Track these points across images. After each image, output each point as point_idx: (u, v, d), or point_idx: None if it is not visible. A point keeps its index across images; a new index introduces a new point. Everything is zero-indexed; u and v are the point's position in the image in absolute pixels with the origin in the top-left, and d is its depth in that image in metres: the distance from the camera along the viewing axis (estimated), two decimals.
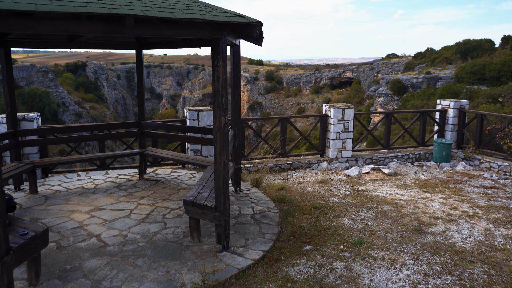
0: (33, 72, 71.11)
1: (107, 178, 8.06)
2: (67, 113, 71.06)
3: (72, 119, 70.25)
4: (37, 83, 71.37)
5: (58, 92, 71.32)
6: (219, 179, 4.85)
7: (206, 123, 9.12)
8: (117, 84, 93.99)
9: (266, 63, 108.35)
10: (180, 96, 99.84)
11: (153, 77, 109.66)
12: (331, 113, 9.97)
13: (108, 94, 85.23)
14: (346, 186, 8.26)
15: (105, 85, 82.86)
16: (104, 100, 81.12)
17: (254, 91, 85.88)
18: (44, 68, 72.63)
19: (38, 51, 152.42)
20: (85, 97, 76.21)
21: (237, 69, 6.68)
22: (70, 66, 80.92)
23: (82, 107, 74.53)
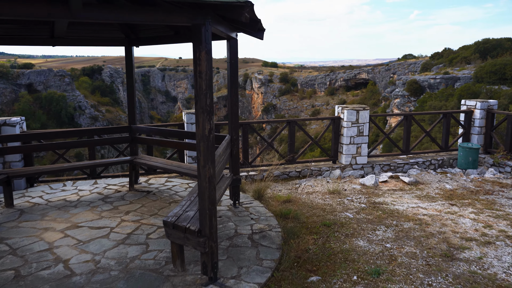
0: (50, 77, 71.56)
1: (95, 188, 7.23)
2: (83, 116, 71.28)
3: (88, 123, 70.37)
4: (54, 87, 71.79)
5: (75, 96, 71.62)
6: (204, 197, 3.93)
7: None
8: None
9: (281, 65, 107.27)
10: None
11: (168, 80, 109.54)
12: (344, 115, 8.99)
13: (123, 98, 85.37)
14: (361, 197, 7.27)
15: (120, 89, 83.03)
16: (120, 104, 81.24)
17: (268, 93, 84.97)
18: (61, 72, 73.06)
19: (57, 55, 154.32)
20: (101, 100, 76.44)
21: (234, 66, 5.78)
22: (86, 70, 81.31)
23: (98, 111, 74.73)
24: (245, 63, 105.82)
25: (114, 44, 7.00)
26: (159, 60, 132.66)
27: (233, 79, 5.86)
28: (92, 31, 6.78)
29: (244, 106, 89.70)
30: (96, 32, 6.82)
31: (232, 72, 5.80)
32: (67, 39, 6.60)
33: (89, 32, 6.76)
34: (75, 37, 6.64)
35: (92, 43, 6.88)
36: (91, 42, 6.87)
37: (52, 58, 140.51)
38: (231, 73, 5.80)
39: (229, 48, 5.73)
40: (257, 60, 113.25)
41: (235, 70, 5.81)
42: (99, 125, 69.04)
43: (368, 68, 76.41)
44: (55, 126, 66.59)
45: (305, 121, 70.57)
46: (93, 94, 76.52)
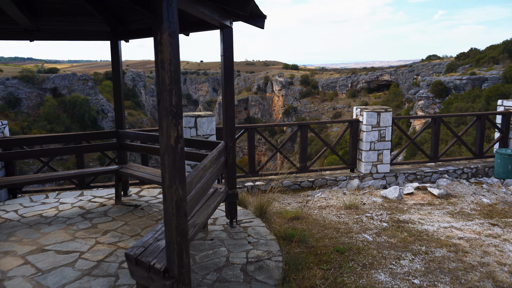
0: (74, 81, 72.32)
1: (78, 201, 6.36)
2: (105, 119, 71.73)
3: (110, 126, 70.80)
4: (78, 91, 72.54)
5: (98, 100, 72.17)
6: (170, 226, 2.96)
7: (206, 132, 7.30)
8: (155, 91, 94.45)
9: (302, 67, 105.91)
10: (216, 102, 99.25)
11: (189, 83, 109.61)
12: (364, 118, 7.90)
13: (145, 101, 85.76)
14: (382, 213, 6.17)
15: (142, 92, 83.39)
16: (142, 107, 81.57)
17: (289, 96, 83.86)
18: (85, 76, 73.78)
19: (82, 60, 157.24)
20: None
21: (229, 60, 4.81)
22: (109, 74, 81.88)
23: None
24: (266, 65, 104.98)
25: (99, 38, 6.13)
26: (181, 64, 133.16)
27: (228, 77, 4.88)
28: (73, 24, 5.92)
29: (265, 109, 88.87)
30: (78, 25, 5.96)
31: (227, 68, 4.82)
32: (45, 33, 5.76)
33: (70, 25, 5.91)
34: (54, 30, 5.79)
35: (74, 37, 6.03)
36: (73, 36, 6.01)
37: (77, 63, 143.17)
38: (225, 69, 4.83)
39: (223, 38, 4.77)
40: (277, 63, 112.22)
41: (230, 65, 4.84)
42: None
43: (391, 70, 74.40)
44: (79, 129, 67.10)
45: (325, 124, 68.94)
46: None
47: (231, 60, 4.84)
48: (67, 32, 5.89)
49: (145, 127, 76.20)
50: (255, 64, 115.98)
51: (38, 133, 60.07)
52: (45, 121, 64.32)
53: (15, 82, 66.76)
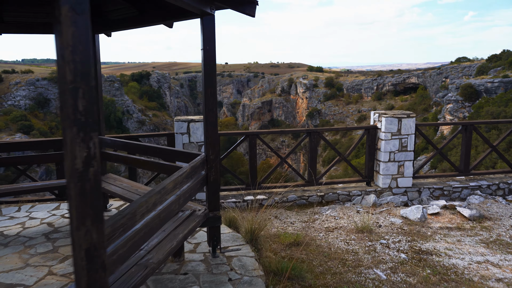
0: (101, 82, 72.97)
1: (50, 216, 5.57)
2: (131, 120, 72.26)
3: (135, 126, 71.34)
4: (104, 92, 73.10)
5: (123, 101, 72.80)
6: (80, 285, 2.06)
7: (200, 139, 6.41)
8: (180, 92, 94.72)
9: (326, 69, 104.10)
10: (240, 104, 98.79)
11: None
12: (382, 124, 6.84)
13: (170, 102, 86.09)
14: (400, 240, 5.11)
15: (167, 94, 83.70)
16: (166, 108, 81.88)
17: (313, 98, 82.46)
18: (111, 78, 74.61)
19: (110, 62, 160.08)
20: (148, 105, 77.32)
21: (209, 54, 3.90)
22: (135, 76, 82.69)
23: (145, 115, 75.61)
24: (290, 67, 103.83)
25: None
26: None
27: (209, 75, 3.97)
28: (43, 15, 5.14)
29: (289, 111, 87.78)
30: (50, 17, 5.18)
31: (207, 64, 3.91)
32: (10, 25, 5.00)
33: (39, 17, 5.13)
34: (20, 22, 5.03)
35: (42, 30, 5.25)
36: (42, 29, 5.23)
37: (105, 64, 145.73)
38: (205, 65, 3.93)
39: (203, 28, 3.86)
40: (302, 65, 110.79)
41: (212, 60, 3.93)
42: (146, 129, 69.76)
43: (418, 72, 72.02)
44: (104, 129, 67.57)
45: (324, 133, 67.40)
46: (141, 99, 77.62)
47: (213, 55, 3.93)
48: (34, 24, 5.12)
49: (170, 128, 76.50)
50: (280, 66, 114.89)
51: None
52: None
53: (44, 83, 68.01)
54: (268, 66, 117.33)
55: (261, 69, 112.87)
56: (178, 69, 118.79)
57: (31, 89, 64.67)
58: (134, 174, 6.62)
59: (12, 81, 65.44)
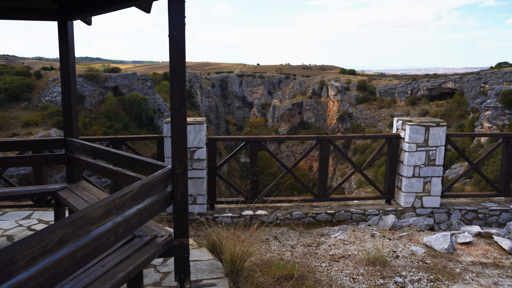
0: (134, 80, 74.23)
1: (15, 226, 4.90)
2: (161, 119, 72.76)
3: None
4: (137, 90, 74.40)
5: (155, 99, 73.53)
6: None
7: (192, 143, 5.59)
8: (211, 92, 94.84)
9: (359, 72, 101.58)
10: (270, 105, 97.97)
11: (245, 86, 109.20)
12: (406, 133, 5.81)
13: (201, 102, 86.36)
14: (421, 278, 4.10)
15: (198, 93, 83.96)
16: (197, 108, 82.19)
17: (344, 101, 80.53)
18: (144, 76, 75.50)
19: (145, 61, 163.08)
20: None
21: (177, 41, 3.07)
22: (167, 75, 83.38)
23: None
24: (322, 70, 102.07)
25: (44, 18, 4.61)
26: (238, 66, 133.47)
27: (177, 68, 3.14)
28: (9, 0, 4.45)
29: (319, 114, 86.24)
30: (15, 1, 4.49)
31: (174, 54, 3.09)
32: None
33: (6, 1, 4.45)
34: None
35: (14, 15, 4.56)
36: (12, 14, 4.54)
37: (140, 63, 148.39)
38: (172, 54, 3.11)
39: (170, 8, 3.04)
40: (334, 67, 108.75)
41: (179, 50, 3.09)
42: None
43: (455, 77, 68.84)
44: (136, 127, 68.66)
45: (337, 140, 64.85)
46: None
47: (181, 44, 3.10)
48: (4, 9, 4.43)
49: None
50: (312, 68, 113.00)
51: (99, 129, 62.07)
52: (105, 118, 66.32)
53: (80, 80, 69.52)
54: (300, 68, 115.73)
55: (292, 71, 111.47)
56: (210, 69, 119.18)
57: None
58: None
59: (50, 77, 67.25)
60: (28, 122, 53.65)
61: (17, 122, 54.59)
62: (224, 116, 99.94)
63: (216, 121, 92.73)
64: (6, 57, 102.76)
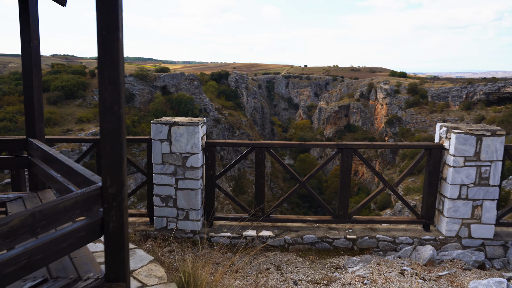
0: (181, 80, 75.47)
1: None
2: (207, 118, 73.38)
3: (211, 125, 72.43)
4: (184, 89, 75.60)
5: (201, 99, 74.31)
6: None
7: (185, 149, 4.66)
8: (257, 93, 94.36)
9: (411, 75, 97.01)
10: (317, 107, 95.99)
11: (291, 87, 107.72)
12: (451, 143, 4.55)
13: (247, 102, 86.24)
14: None
15: (244, 94, 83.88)
16: (242, 108, 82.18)
17: (393, 104, 77.18)
18: (191, 76, 76.51)
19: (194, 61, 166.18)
20: (225, 104, 78.27)
21: (109, 18, 2.13)
22: (214, 75, 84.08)
23: (221, 114, 76.55)
24: (372, 72, 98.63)
25: None
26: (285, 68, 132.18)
27: (106, 45, 2.21)
28: None
29: (366, 117, 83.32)
30: None
31: (103, 28, 2.16)
32: None
33: None
34: None
35: None
36: None
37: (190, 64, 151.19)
38: (100, 30, 2.17)
39: None
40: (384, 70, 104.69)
41: (113, 25, 2.16)
42: (221, 128, 70.40)
43: None
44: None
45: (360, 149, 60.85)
46: (218, 98, 78.79)
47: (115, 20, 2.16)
48: None
49: (244, 128, 76.55)
50: (360, 70, 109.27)
51: (146, 127, 63.39)
52: (153, 116, 67.67)
53: (131, 80, 71.51)
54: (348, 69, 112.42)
55: (340, 73, 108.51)
56: (257, 70, 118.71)
57: None
58: None
59: None
60: (81, 118, 55.63)
61: (72, 118, 56.81)
62: (270, 117, 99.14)
63: (261, 122, 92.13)
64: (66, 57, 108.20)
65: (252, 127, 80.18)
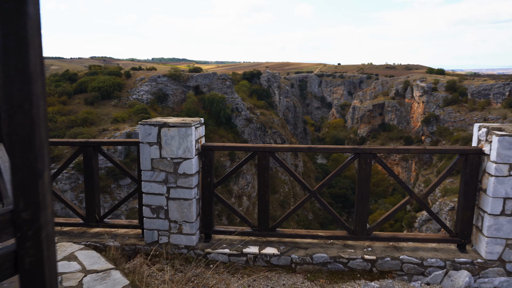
0: (214, 79, 75.83)
1: None
2: (239, 117, 73.45)
3: (243, 124, 72.36)
4: (216, 89, 75.96)
5: (233, 98, 74.42)
6: None
7: (176, 153, 4.07)
8: (289, 92, 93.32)
9: (449, 72, 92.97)
10: (350, 106, 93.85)
11: (324, 86, 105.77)
12: (493, 147, 3.73)
13: (279, 102, 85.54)
14: None
15: (276, 93, 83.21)
16: (274, 107, 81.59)
17: (431, 102, 74.21)
18: (223, 76, 76.74)
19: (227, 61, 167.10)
20: (256, 103, 78.02)
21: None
22: (246, 75, 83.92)
23: (253, 113, 76.33)
24: (408, 69, 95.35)
25: None
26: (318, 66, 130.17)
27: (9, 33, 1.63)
28: None
29: (402, 116, 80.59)
30: None
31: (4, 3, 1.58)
32: None
33: None
34: None
35: None
36: None
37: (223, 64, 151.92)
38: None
39: None
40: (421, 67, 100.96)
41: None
42: (253, 127, 70.11)
43: None
44: (214, 125, 69.89)
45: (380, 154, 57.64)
46: (250, 97, 78.65)
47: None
48: None
49: (276, 127, 75.93)
50: (396, 67, 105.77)
51: None
52: (185, 116, 68.29)
53: (164, 80, 72.49)
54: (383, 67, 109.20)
55: (375, 71, 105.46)
56: (289, 69, 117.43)
57: (153, 84, 69.36)
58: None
59: (137, 77, 70.92)
60: (117, 118, 56.69)
61: (108, 118, 58.04)
62: (302, 116, 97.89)
63: (293, 121, 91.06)
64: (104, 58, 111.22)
65: (284, 126, 79.26)
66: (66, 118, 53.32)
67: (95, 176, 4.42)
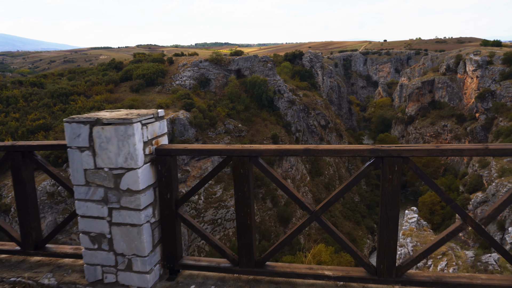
0: (255, 62, 74.65)
1: None
2: (281, 100, 72.09)
3: (285, 106, 70.96)
4: (258, 72, 74.79)
5: (275, 80, 73.01)
6: None
7: (116, 162, 2.83)
8: (333, 72, 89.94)
9: (507, 43, 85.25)
10: (397, 84, 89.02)
11: (370, 64, 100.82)
12: None
13: (322, 82, 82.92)
14: None
15: (319, 73, 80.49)
16: (318, 88, 79.21)
17: (486, 77, 68.48)
18: (265, 58, 75.19)
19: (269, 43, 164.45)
20: (299, 85, 76.10)
21: None
22: (288, 56, 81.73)
23: (296, 95, 74.64)
24: (460, 43, 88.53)
25: None
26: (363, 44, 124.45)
27: None
28: None
29: (454, 92, 75.22)
30: None
31: None
32: None
33: None
34: None
35: None
36: None
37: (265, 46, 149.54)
38: None
39: None
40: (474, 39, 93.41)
41: None
42: (296, 109, 68.34)
43: None
44: (256, 108, 68.90)
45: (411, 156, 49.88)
46: (293, 79, 76.77)
47: None
48: None
49: (319, 109, 73.68)
50: (447, 41, 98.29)
51: (222, 111, 63.47)
52: (228, 100, 67.83)
53: (206, 64, 72.10)
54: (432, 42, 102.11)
55: (424, 46, 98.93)
56: (333, 48, 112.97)
57: (195, 70, 69.20)
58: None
59: (180, 63, 71.04)
60: (161, 104, 57.02)
61: (152, 105, 58.63)
62: (347, 96, 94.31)
63: (338, 101, 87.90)
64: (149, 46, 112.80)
65: (328, 107, 76.57)
66: (113, 106, 54.32)
67: (28, 189, 3.31)
